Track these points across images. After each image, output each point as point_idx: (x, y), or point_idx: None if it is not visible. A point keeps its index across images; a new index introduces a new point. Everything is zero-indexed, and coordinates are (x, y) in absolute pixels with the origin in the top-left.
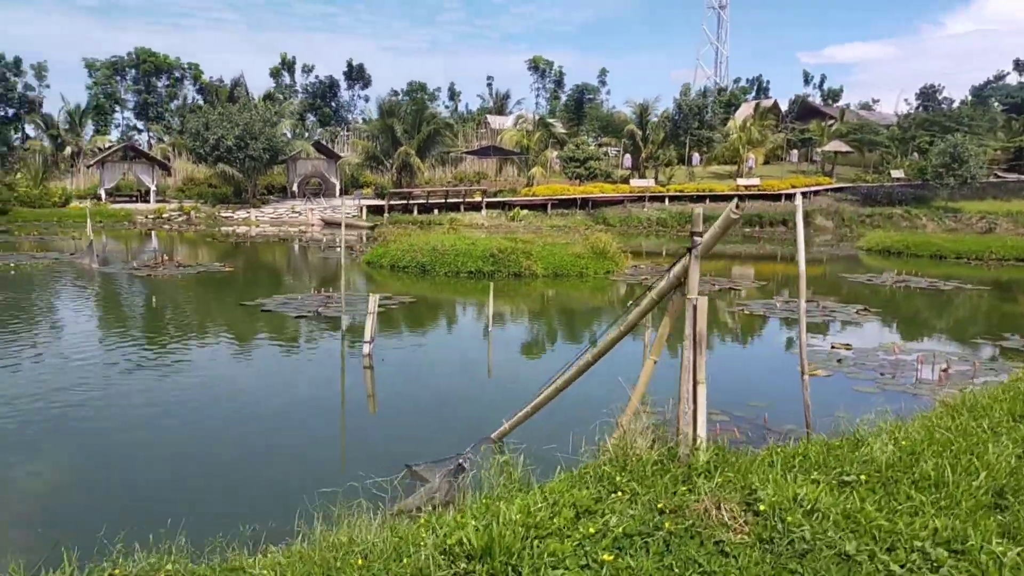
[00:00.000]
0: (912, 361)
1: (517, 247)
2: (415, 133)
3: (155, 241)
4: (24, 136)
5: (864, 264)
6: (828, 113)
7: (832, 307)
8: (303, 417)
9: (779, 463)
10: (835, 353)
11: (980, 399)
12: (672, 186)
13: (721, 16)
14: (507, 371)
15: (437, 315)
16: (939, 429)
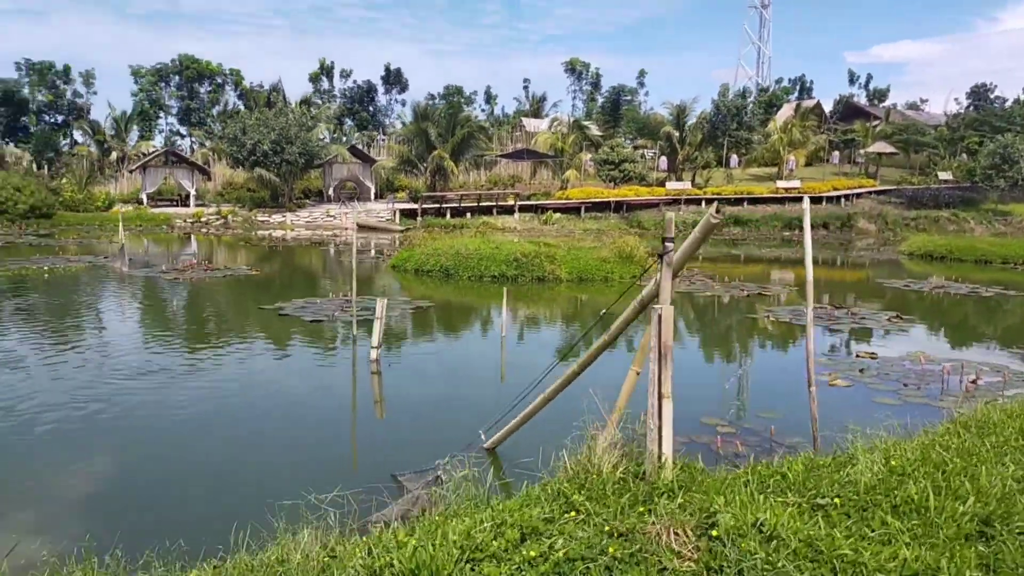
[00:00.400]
0: (940, 371)
1: (541, 251)
2: (449, 136)
3: (194, 245)
4: (72, 142)
5: (906, 269)
6: (873, 113)
7: (864, 314)
8: (306, 423)
9: (754, 483)
10: (858, 362)
11: (992, 415)
12: (709, 188)
13: (763, 15)
14: (521, 376)
15: (454, 319)
16: (937, 448)
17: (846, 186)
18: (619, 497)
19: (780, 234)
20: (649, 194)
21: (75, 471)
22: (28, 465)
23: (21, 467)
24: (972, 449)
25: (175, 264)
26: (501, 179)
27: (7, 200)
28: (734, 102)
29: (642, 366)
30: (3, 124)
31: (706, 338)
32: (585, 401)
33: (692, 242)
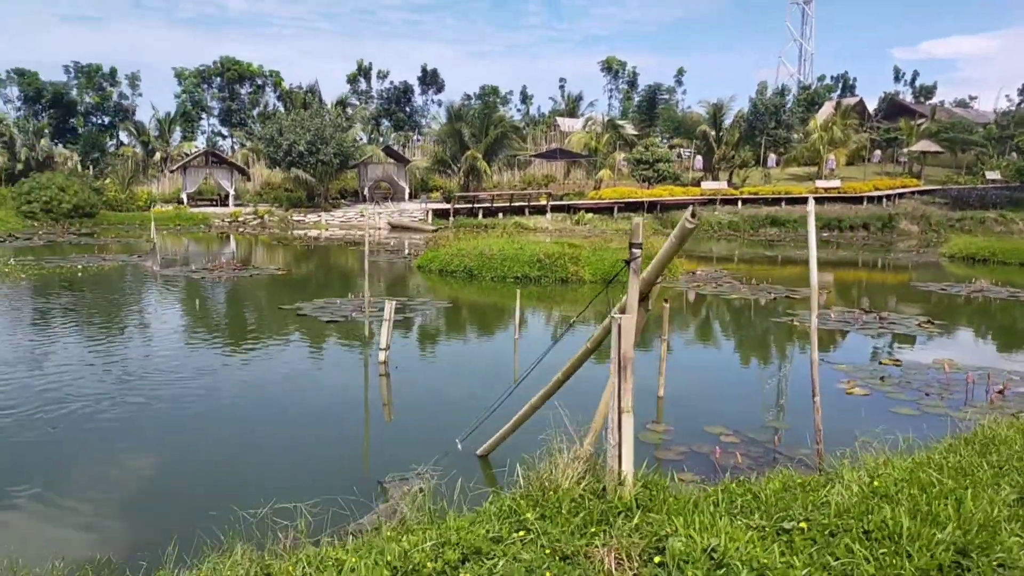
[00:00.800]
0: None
1: (564, 253)
2: (482, 137)
3: (231, 245)
4: (118, 142)
5: (947, 272)
6: (919, 111)
7: (894, 318)
8: (312, 426)
9: (723, 503)
10: (881, 369)
11: (1001, 430)
12: (746, 188)
13: (805, 11)
14: (534, 379)
15: (471, 320)
16: (932, 466)
17: (888, 186)
18: (573, 516)
19: (819, 235)
20: (684, 194)
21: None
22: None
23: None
24: (968, 468)
25: (206, 264)
26: (535, 179)
27: (52, 200)
28: (772, 100)
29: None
30: (52, 126)
31: (721, 342)
32: (580, 412)
33: (668, 248)
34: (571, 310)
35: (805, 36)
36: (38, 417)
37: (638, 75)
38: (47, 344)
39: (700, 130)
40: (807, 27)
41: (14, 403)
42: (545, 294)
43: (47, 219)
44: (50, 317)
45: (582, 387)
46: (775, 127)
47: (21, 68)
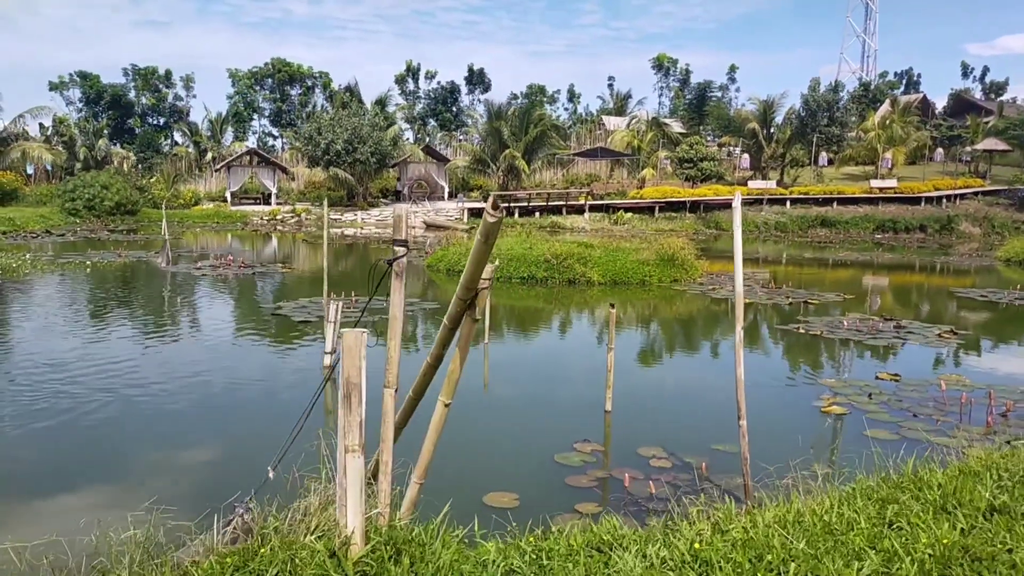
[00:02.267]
0: (976, 399)
1: (573, 253)
2: (522, 135)
3: (267, 242)
4: (172, 142)
5: (1003, 276)
6: (987, 108)
7: (913, 327)
8: (237, 432)
9: (496, 566)
10: (873, 385)
11: (936, 475)
12: (795, 188)
13: (869, 6)
14: (506, 386)
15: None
16: (808, 518)
17: (949, 186)
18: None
19: (872, 237)
20: (729, 193)
21: None
22: None
23: None
24: (846, 524)
25: (215, 261)
26: (578, 178)
27: (95, 197)
28: (825, 96)
29: (451, 396)
30: (111, 126)
31: (701, 351)
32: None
33: (477, 249)
34: (570, 312)
35: (868, 32)
36: None
37: (690, 72)
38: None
39: (749, 128)
40: (870, 22)
41: None
42: (548, 296)
43: (90, 216)
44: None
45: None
46: (828, 124)
47: (84, 71)
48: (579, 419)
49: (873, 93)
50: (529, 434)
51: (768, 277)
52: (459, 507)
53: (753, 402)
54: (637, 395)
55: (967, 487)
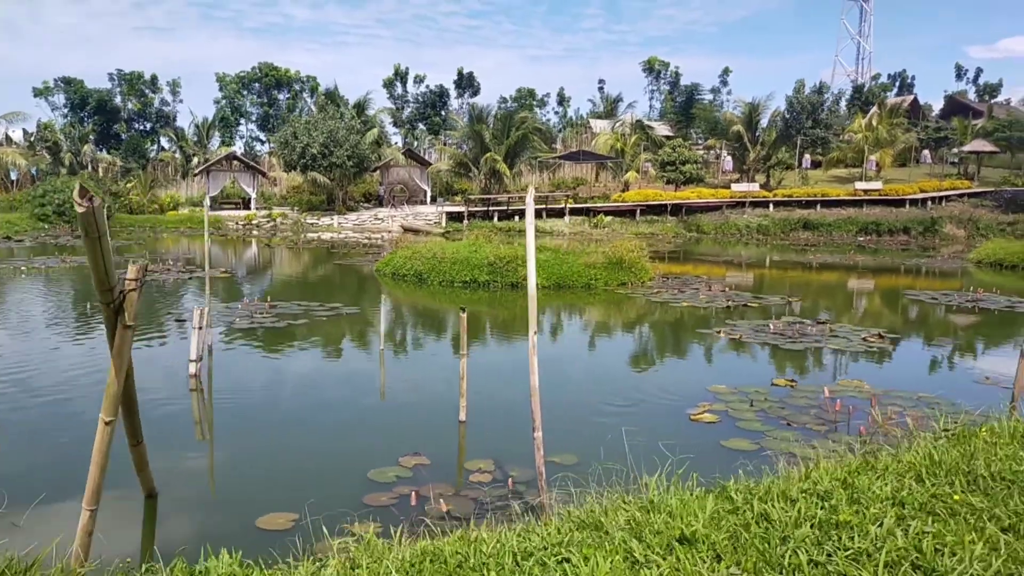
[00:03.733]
0: (857, 405)
1: (517, 256)
2: (504, 139)
3: (253, 248)
4: (159, 147)
5: (972, 278)
6: (980, 110)
7: (843, 330)
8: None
9: None
10: (764, 392)
11: (690, 502)
12: (779, 190)
13: (864, 9)
14: (408, 395)
15: (357, 329)
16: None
17: (935, 187)
18: None
19: (854, 239)
20: (712, 196)
21: None
22: None
23: None
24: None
25: (153, 266)
26: (564, 182)
27: (64, 203)
28: (809, 98)
29: (111, 413)
30: (96, 132)
31: (603, 355)
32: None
33: (87, 247)
34: (491, 318)
35: (863, 34)
36: None
37: (680, 75)
38: None
39: (734, 130)
40: (865, 24)
41: None
42: (486, 300)
43: (60, 221)
44: None
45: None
46: (812, 126)
47: (68, 76)
48: (430, 430)
49: (866, 95)
50: (358, 448)
51: (721, 279)
52: (229, 529)
53: (626, 408)
54: (507, 403)
55: (654, 519)
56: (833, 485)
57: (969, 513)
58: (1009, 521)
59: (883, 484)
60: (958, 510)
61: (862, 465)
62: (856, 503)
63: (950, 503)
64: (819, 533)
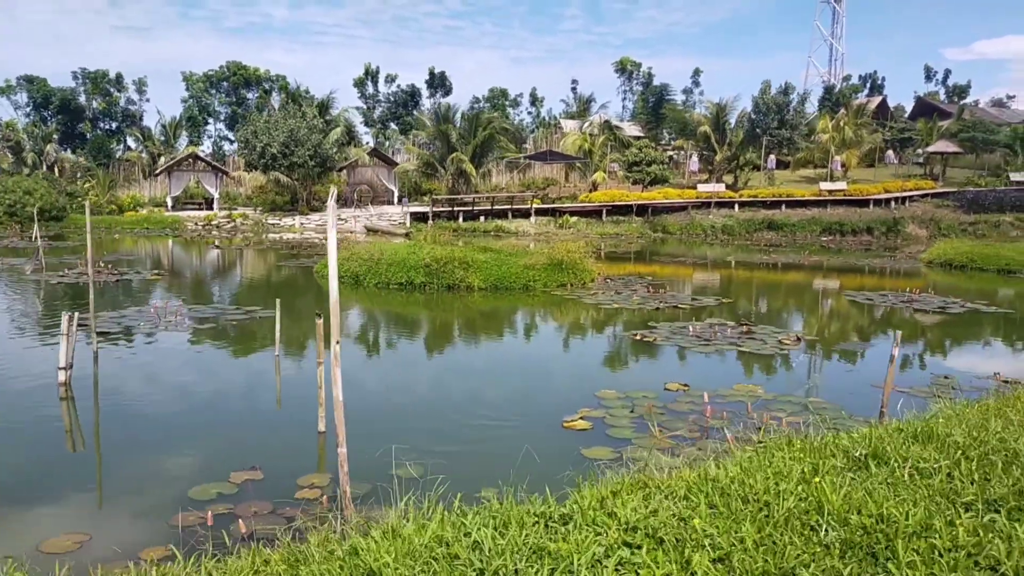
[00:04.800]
0: (732, 410)
1: (454, 257)
2: (471, 139)
3: (212, 252)
4: (125, 147)
5: (926, 279)
6: (949, 111)
7: (763, 332)
8: None
9: None
10: (652, 396)
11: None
12: (745, 191)
13: (836, 10)
14: (304, 404)
15: (266, 333)
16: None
17: (899, 188)
18: None
19: (818, 239)
20: (679, 196)
21: None
22: None
23: None
24: None
25: (87, 268)
26: (535, 182)
27: (16, 203)
28: (775, 99)
29: None
30: (60, 131)
31: (506, 360)
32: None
33: None
34: (422, 321)
35: (836, 35)
36: None
37: (653, 76)
38: None
39: (702, 131)
40: (837, 26)
41: None
42: (421, 302)
43: (11, 222)
44: None
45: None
46: (778, 127)
47: (30, 75)
48: (285, 440)
49: (836, 97)
50: (187, 463)
51: (665, 280)
52: (13, 549)
53: (503, 416)
54: (387, 412)
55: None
56: (580, 508)
57: (692, 540)
58: (717, 553)
59: (632, 503)
60: (684, 537)
61: (634, 484)
62: (589, 526)
63: (681, 530)
64: (525, 564)
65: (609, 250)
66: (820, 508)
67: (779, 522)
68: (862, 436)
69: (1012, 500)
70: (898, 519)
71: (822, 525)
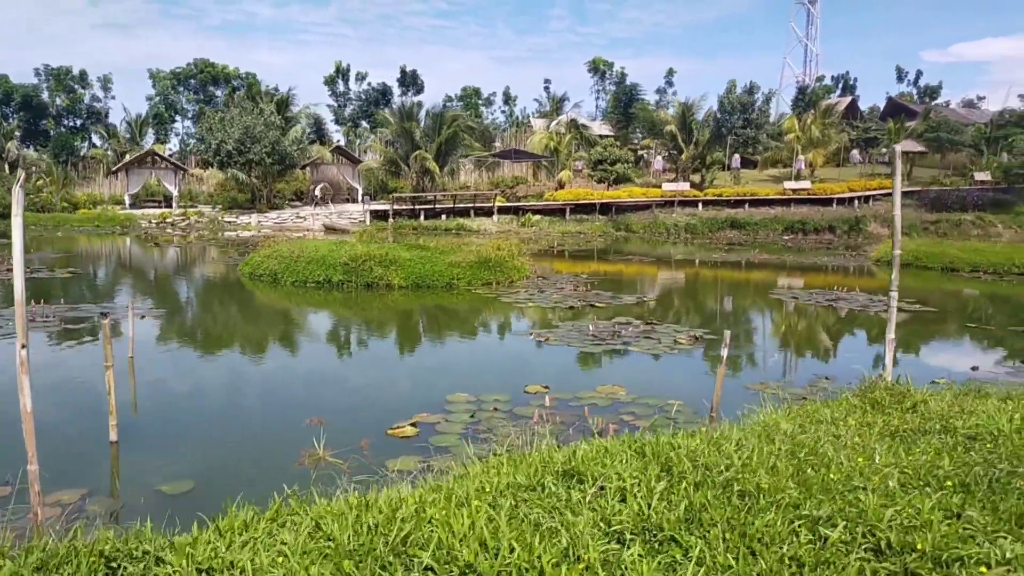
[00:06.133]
0: (588, 415)
1: (374, 255)
2: (435, 136)
3: (167, 250)
4: (91, 145)
5: (866, 276)
6: (916, 111)
7: (666, 331)
8: None
9: None
10: (505, 399)
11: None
12: (709, 190)
13: (811, 12)
14: (163, 409)
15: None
16: None
17: (863, 187)
18: None
19: (780, 238)
20: (644, 195)
21: None
22: None
23: None
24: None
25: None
26: (504, 181)
27: None
28: (740, 98)
29: None
30: (23, 129)
31: (351, 363)
32: None
33: None
34: (316, 323)
35: (810, 36)
36: None
37: (626, 75)
38: None
39: (668, 130)
40: (812, 27)
41: None
42: (348, 301)
43: None
44: None
45: None
46: (743, 126)
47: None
48: (71, 451)
49: (809, 97)
50: None
51: (586, 279)
52: None
53: (330, 422)
54: (185, 418)
55: None
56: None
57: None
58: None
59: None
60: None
61: (362, 502)
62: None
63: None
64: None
65: (572, 248)
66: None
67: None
68: (570, 451)
69: (669, 528)
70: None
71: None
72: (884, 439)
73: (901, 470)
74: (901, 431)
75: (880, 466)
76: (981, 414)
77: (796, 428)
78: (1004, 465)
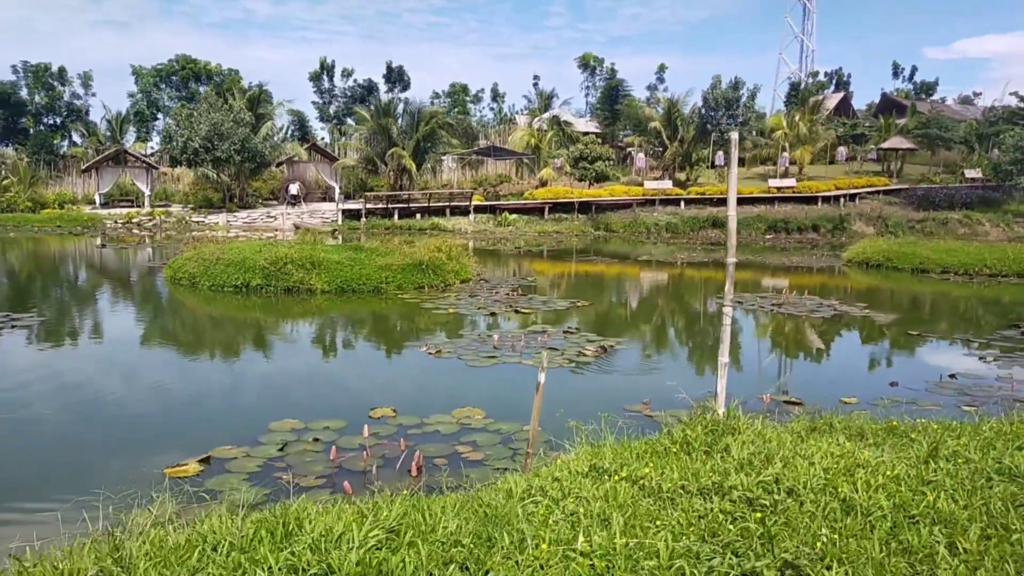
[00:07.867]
0: (404, 448)
1: (294, 258)
2: (413, 134)
3: (86, 249)
4: (71, 143)
5: (849, 277)
6: (908, 107)
7: (578, 340)
8: None
9: None
10: (338, 427)
11: None
12: (692, 188)
13: (807, 7)
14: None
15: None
16: None
17: (850, 185)
18: None
19: (763, 237)
20: (625, 193)
21: None
22: None
23: None
24: None
25: None
26: (487, 178)
27: None
28: (725, 94)
29: None
30: (1, 127)
31: (198, 379)
32: None
33: None
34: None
35: (806, 32)
36: None
37: (616, 72)
38: None
39: (653, 127)
40: (808, 23)
41: None
42: (268, 306)
43: None
44: None
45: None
46: (728, 123)
47: None
48: None
49: (803, 94)
50: None
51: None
52: None
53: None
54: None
55: None
56: None
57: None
58: None
59: None
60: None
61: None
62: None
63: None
64: None
65: (548, 248)
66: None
67: None
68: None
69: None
70: None
71: None
72: (642, 501)
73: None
74: (674, 489)
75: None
76: (793, 461)
77: (556, 486)
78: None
